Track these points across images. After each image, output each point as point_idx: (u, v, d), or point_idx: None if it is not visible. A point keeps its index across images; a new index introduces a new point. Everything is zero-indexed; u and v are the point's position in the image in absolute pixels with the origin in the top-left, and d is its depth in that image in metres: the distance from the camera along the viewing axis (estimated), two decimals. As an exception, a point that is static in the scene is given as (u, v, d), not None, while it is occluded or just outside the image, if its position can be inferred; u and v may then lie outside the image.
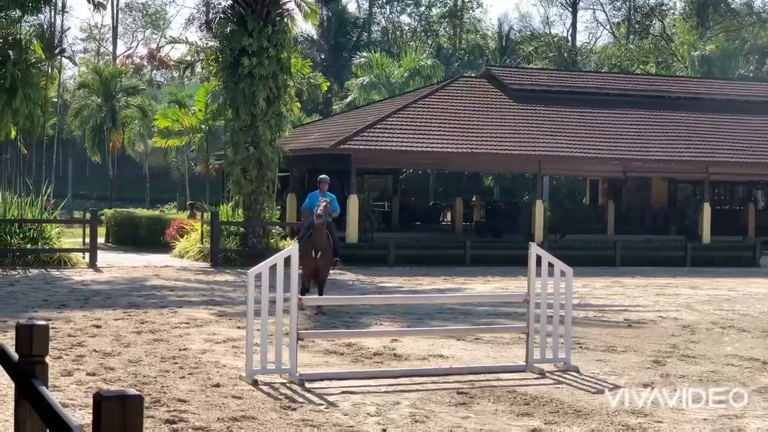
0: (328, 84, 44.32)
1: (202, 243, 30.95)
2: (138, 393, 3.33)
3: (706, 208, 36.11)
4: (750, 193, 43.08)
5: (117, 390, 3.36)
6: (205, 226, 31.09)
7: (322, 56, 76.50)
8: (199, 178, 58.42)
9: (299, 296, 14.12)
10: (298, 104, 34.13)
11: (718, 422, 10.06)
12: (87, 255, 28.27)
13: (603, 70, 65.91)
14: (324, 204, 17.12)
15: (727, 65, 59.45)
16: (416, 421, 9.72)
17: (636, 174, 37.59)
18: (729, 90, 42.49)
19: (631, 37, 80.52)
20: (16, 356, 5.01)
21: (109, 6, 74.73)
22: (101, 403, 3.28)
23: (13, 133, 38.94)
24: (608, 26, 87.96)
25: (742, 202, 43.35)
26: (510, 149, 34.62)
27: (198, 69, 44.64)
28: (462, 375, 12.23)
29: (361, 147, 32.72)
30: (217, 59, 30.67)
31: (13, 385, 5.41)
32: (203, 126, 47.51)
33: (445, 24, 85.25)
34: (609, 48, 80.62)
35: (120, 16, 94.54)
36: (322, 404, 10.46)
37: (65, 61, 63.75)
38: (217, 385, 11.13)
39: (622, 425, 9.81)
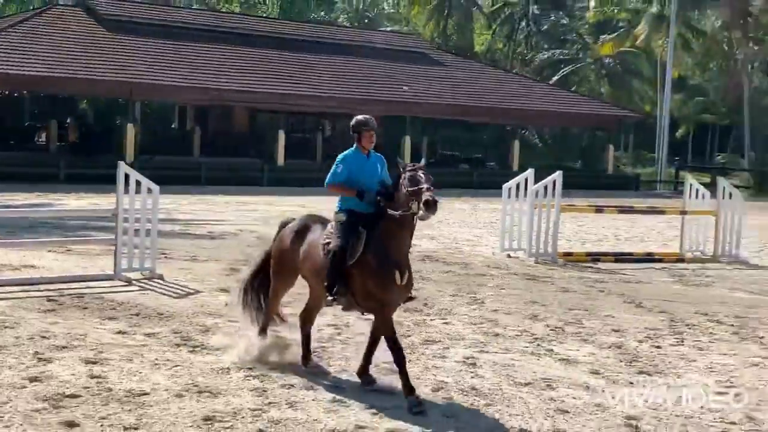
0: None
1: None
2: None
3: (281, 135, 37.28)
4: (318, 123, 44.66)
5: None
6: None
7: None
8: None
9: None
10: None
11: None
12: None
13: (194, 7, 65.12)
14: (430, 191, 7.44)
15: (305, 9, 60.92)
16: (6, 327, 9.28)
17: (220, 102, 37.81)
18: (304, 31, 43.78)
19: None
20: None
21: None
22: None
23: None
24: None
25: (312, 130, 44.82)
26: (103, 76, 33.71)
27: None
28: (52, 284, 11.81)
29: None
30: None
31: None
32: None
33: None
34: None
35: None
36: None
37: None
38: None
39: (200, 325, 9.95)
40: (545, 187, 16.71)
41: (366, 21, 67.12)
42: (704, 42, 59.54)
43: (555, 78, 58.21)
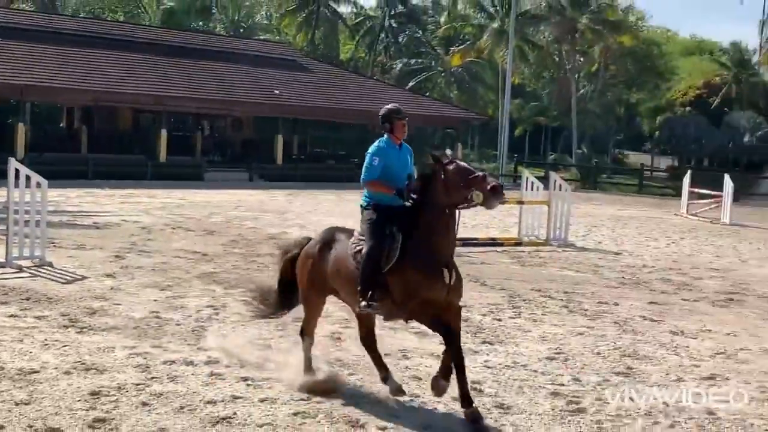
0: None
1: None
2: None
3: (163, 133, 36.50)
4: (198, 122, 43.87)
5: None
6: None
7: None
8: None
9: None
10: None
11: (166, 302, 10.27)
12: None
13: (81, 16, 63.05)
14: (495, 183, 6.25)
15: (185, 19, 59.68)
16: None
17: (105, 103, 36.76)
18: (184, 39, 42.94)
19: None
20: None
21: None
22: None
23: None
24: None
25: (192, 129, 43.99)
26: (-6, 78, 32.43)
27: None
28: (-55, 272, 11.29)
29: None
30: None
31: None
32: None
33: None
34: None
35: None
36: None
37: None
38: None
39: (87, 308, 9.68)
40: (402, 181, 16.86)
41: (241, 30, 66.25)
42: (539, 54, 61.20)
43: (411, 84, 58.78)
